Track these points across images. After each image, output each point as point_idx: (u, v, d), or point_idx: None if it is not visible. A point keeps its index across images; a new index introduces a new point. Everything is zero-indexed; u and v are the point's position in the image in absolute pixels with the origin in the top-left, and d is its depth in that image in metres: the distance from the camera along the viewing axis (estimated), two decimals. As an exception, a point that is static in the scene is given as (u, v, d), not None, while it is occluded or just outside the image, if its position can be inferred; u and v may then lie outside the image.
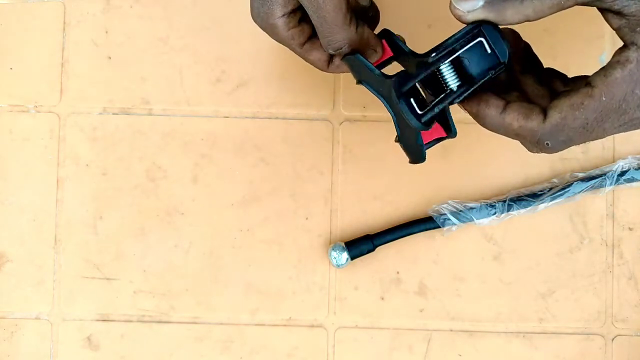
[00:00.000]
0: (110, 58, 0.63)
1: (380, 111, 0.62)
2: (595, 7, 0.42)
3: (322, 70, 0.52)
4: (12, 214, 0.62)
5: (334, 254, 0.61)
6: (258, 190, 0.62)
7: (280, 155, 0.62)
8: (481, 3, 0.42)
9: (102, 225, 0.62)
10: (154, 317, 0.62)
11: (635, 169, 0.61)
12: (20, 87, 0.63)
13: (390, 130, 0.62)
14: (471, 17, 0.43)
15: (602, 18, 0.44)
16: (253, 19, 0.50)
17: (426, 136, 0.48)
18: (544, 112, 0.42)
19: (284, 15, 0.48)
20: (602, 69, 0.41)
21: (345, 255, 0.61)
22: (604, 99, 0.40)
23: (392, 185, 0.62)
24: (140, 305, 0.62)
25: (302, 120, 0.63)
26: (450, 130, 0.48)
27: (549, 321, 0.61)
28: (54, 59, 0.63)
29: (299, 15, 0.49)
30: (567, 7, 0.41)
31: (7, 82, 0.63)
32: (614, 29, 0.42)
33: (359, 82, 0.49)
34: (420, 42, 0.63)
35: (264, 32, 0.50)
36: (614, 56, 0.41)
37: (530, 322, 0.62)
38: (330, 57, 0.52)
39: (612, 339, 0.61)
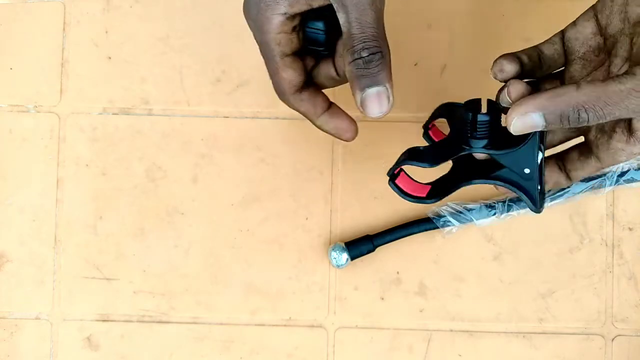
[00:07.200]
0: (110, 58, 0.63)
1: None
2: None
3: (282, 92, 0.49)
4: (12, 214, 0.62)
5: (334, 254, 0.61)
6: (258, 190, 0.62)
7: (280, 155, 0.62)
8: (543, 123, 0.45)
9: (102, 225, 0.62)
10: (154, 317, 0.62)
11: (635, 169, 0.61)
12: (20, 87, 0.63)
13: (389, 130, 0.62)
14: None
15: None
16: (245, 7, 0.47)
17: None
18: None
19: (285, 13, 0.46)
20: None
21: (345, 255, 0.60)
22: None
23: (392, 185, 0.62)
24: (140, 305, 0.62)
25: (302, 120, 0.62)
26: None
27: (549, 321, 0.61)
28: (54, 59, 0.63)
29: (296, 23, 0.47)
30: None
31: (7, 82, 0.63)
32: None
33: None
34: (420, 42, 0.63)
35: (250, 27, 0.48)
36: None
37: (530, 322, 0.62)
38: (302, 86, 0.49)
39: (612, 339, 0.61)
